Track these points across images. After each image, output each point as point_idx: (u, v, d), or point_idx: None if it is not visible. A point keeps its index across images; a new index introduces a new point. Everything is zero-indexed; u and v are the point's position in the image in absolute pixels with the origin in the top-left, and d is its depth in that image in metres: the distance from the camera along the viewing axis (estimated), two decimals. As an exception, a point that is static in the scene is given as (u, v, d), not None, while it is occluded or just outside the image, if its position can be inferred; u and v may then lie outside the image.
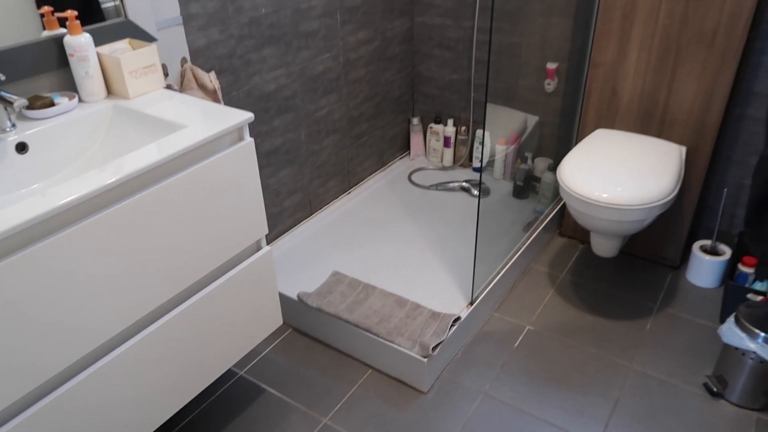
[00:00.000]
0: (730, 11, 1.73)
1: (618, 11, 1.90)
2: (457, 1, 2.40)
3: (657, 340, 1.86)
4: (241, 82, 1.84)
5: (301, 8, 1.96)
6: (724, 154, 2.04)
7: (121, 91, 1.39)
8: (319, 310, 1.83)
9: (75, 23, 1.30)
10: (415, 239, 2.23)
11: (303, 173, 2.21)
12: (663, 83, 1.93)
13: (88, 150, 1.31)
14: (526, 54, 2.22)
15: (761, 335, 1.52)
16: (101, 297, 1.08)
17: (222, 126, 1.24)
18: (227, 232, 1.32)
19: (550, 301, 2.03)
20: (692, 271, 2.08)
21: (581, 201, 1.72)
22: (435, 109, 2.70)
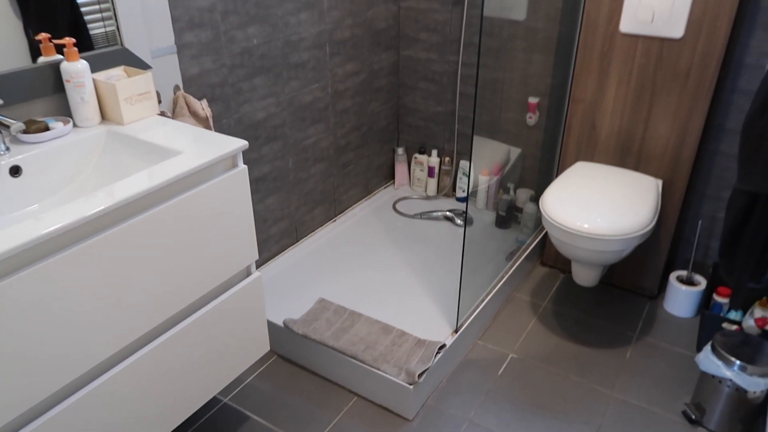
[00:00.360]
0: (702, 52, 1.83)
1: (597, 50, 1.99)
2: (442, 37, 2.48)
3: (637, 368, 1.90)
4: (231, 110, 1.87)
5: (291, 40, 2.01)
6: (699, 188, 2.12)
7: (115, 117, 1.41)
8: (305, 337, 1.84)
9: (72, 50, 1.32)
10: (400, 267, 2.25)
11: (290, 200, 2.24)
12: (640, 119, 2.01)
13: (81, 174, 1.32)
14: (508, 88, 2.29)
15: (737, 363, 1.56)
16: (90, 323, 1.08)
17: (217, 153, 1.26)
18: (219, 257, 1.33)
19: (532, 329, 2.07)
20: (669, 300, 2.14)
21: (563, 231, 1.77)
22: (419, 140, 2.75)
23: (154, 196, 1.15)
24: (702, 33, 1.81)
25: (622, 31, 1.92)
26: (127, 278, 1.13)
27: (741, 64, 1.91)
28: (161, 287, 1.20)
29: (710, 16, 1.78)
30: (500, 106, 2.31)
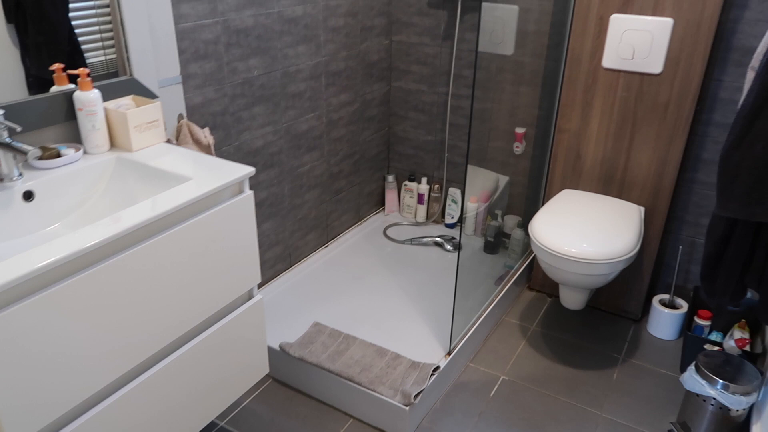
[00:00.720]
0: (679, 87, 1.94)
1: (581, 83, 2.10)
2: (432, 69, 2.58)
3: (624, 389, 1.96)
4: (231, 138, 1.93)
5: (289, 71, 2.08)
6: (678, 214, 2.22)
7: (124, 144, 1.45)
8: (301, 360, 1.87)
9: (86, 80, 1.37)
10: (393, 291, 2.30)
11: (284, 226, 2.28)
12: (622, 149, 2.11)
13: (90, 199, 1.36)
14: (496, 119, 2.39)
15: (720, 382, 1.63)
16: (98, 346, 1.11)
17: (225, 179, 1.31)
18: (224, 280, 1.37)
19: (522, 351, 2.12)
20: (653, 323, 2.21)
21: (552, 255, 1.84)
22: (409, 168, 2.83)
23: (165, 221, 1.20)
24: (679, 69, 1.92)
25: (605, 67, 2.03)
26: (138, 301, 1.16)
27: (716, 99, 2.03)
28: (169, 309, 1.24)
29: (686, 54, 1.90)
30: (489, 136, 2.40)
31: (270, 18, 1.94)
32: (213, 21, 1.75)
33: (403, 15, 2.55)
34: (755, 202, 1.40)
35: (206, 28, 1.74)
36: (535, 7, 2.21)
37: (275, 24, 1.96)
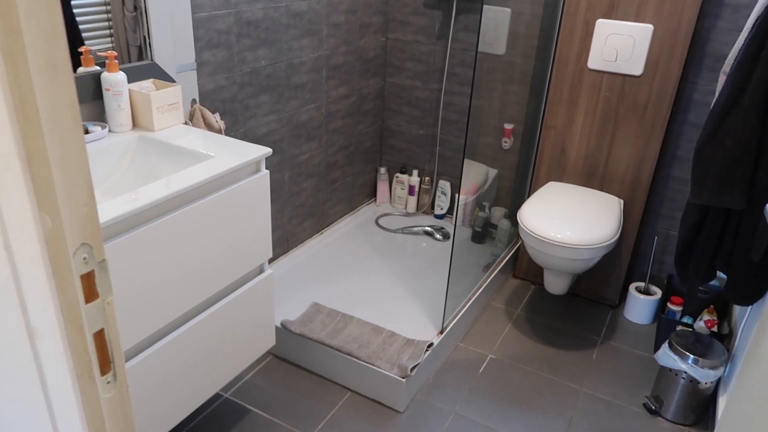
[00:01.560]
0: (657, 89, 2.10)
1: (567, 83, 2.24)
2: (426, 66, 2.70)
3: (602, 367, 2.10)
4: (239, 124, 2.02)
5: (294, 63, 2.18)
6: (654, 207, 2.38)
7: (146, 124, 1.54)
8: (302, 336, 1.97)
9: (114, 62, 1.46)
10: (386, 276, 2.42)
11: (283, 212, 2.38)
12: (604, 145, 2.26)
13: (116, 173, 1.45)
14: (486, 115, 2.52)
15: (691, 357, 1.78)
16: (137, 299, 1.21)
17: (246, 158, 1.41)
18: (241, 252, 1.47)
19: (508, 333, 2.25)
20: (629, 309, 2.37)
21: (539, 240, 1.98)
22: (401, 161, 2.95)
23: (192, 194, 1.29)
24: (658, 72, 2.08)
25: (590, 68, 2.18)
26: (171, 263, 1.26)
27: (690, 100, 2.19)
28: (194, 274, 1.34)
29: (665, 59, 2.05)
30: (478, 131, 2.53)
31: (278, 11, 2.04)
32: (226, 12, 1.84)
33: (399, 14, 2.67)
34: (725, 191, 1.56)
35: (220, 18, 1.83)
36: (527, 10, 2.35)
37: (282, 17, 2.06)
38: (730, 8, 2.03)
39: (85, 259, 0.50)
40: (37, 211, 0.45)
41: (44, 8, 0.42)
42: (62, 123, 0.44)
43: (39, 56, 0.41)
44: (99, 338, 0.54)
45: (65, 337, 0.52)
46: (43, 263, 0.47)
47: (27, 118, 0.42)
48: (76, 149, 0.46)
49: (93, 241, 0.50)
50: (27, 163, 0.44)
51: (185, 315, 1.37)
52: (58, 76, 0.42)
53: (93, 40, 1.50)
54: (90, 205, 0.50)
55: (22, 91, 0.41)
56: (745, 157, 1.51)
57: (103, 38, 1.52)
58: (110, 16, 1.53)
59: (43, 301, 0.49)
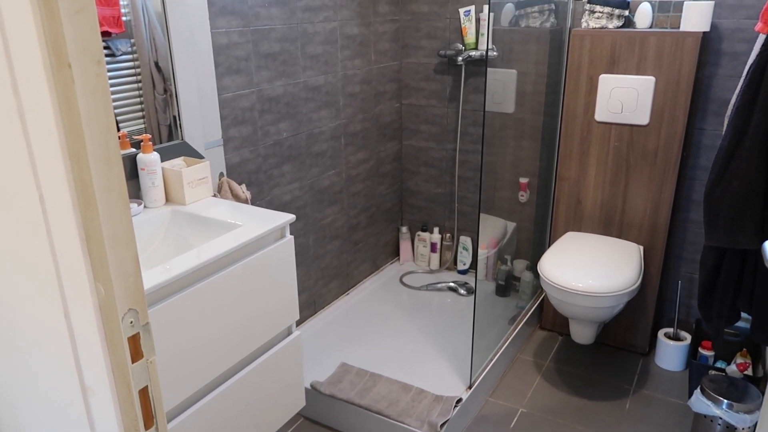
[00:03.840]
0: (666, 136, 2.16)
1: (577, 136, 2.32)
2: (440, 128, 2.82)
3: (636, 417, 2.07)
4: (264, 193, 2.13)
5: (313, 133, 2.31)
6: (676, 252, 2.39)
7: (178, 198, 1.65)
8: (332, 397, 1.99)
9: (148, 144, 1.59)
10: (412, 333, 2.44)
11: (309, 274, 2.46)
12: (618, 193, 2.30)
13: (152, 245, 1.55)
14: (502, 171, 2.60)
15: (725, 402, 1.76)
16: (172, 364, 1.27)
17: (271, 225, 1.50)
18: (269, 315, 1.54)
19: (538, 386, 2.24)
20: (659, 355, 2.34)
21: (561, 290, 2.00)
22: (422, 219, 3.03)
23: (222, 261, 1.38)
24: (664, 120, 2.15)
25: (597, 120, 2.26)
26: (203, 329, 1.32)
27: (700, 145, 2.24)
28: (225, 339, 1.40)
29: (669, 107, 2.12)
30: (495, 186, 2.60)
31: (297, 87, 2.18)
32: (249, 91, 1.99)
33: (411, 81, 2.82)
34: (737, 231, 1.58)
35: (244, 97, 1.97)
36: (532, 70, 2.46)
37: (301, 92, 2.21)
38: (728, 56, 2.10)
39: (131, 323, 0.57)
40: (93, 281, 0.53)
41: (102, 112, 0.51)
42: (114, 207, 0.52)
43: (97, 153, 0.50)
44: (143, 395, 0.61)
45: (115, 394, 0.58)
46: (97, 327, 0.55)
47: (86, 204, 0.50)
48: (124, 228, 0.54)
49: (139, 306, 0.57)
50: (86, 241, 0.52)
51: (217, 379, 1.43)
52: (111, 169, 0.51)
53: (127, 121, 1.64)
54: (136, 275, 0.57)
55: (83, 182, 0.49)
56: (753, 198, 1.55)
57: (136, 119, 1.66)
58: (142, 99, 1.67)
59: (97, 361, 0.56)
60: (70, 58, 0.48)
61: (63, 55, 0.48)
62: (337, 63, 2.37)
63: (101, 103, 0.52)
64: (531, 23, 2.35)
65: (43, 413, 0.66)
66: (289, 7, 2.08)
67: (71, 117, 0.49)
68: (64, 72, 0.49)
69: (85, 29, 0.48)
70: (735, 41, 2.09)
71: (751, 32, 2.04)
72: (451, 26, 2.64)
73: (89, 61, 0.50)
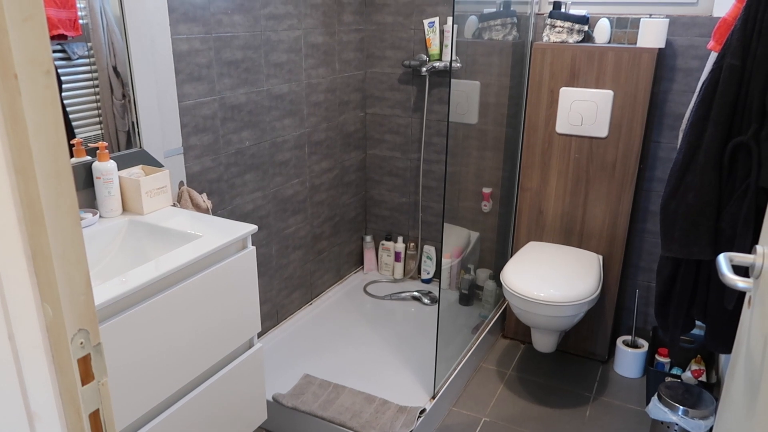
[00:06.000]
0: (623, 149, 2.21)
1: (538, 147, 2.36)
2: (404, 138, 2.83)
3: (596, 424, 2.10)
4: (225, 202, 2.09)
5: (277, 141, 2.29)
6: (633, 261, 2.45)
7: (135, 208, 1.60)
8: (294, 409, 1.96)
9: (104, 152, 1.54)
10: (376, 343, 2.43)
11: (272, 285, 2.42)
12: (579, 204, 2.35)
13: (106, 257, 1.50)
14: (465, 181, 2.62)
15: (681, 408, 1.80)
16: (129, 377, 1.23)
17: (232, 236, 1.47)
18: (229, 328, 1.50)
19: (501, 394, 2.26)
20: (618, 363, 2.39)
21: (522, 300, 2.03)
22: (386, 228, 3.02)
23: (182, 273, 1.34)
24: (622, 133, 2.20)
25: (558, 132, 2.30)
26: (161, 342, 1.29)
27: (656, 158, 2.31)
28: (184, 352, 1.36)
29: (627, 120, 2.18)
30: (459, 196, 2.62)
31: (260, 95, 2.16)
32: (211, 99, 1.95)
33: (376, 90, 2.82)
34: (692, 242, 1.63)
35: (205, 105, 1.94)
36: (494, 81, 2.50)
37: (264, 100, 2.18)
38: (682, 72, 2.18)
39: (82, 344, 0.55)
40: (39, 302, 0.50)
41: (51, 125, 0.49)
42: (64, 224, 0.50)
43: (45, 167, 0.48)
44: (94, 418, 0.58)
45: (63, 419, 0.55)
46: (44, 349, 0.52)
47: (33, 221, 0.48)
48: (75, 246, 0.52)
49: (90, 326, 0.55)
50: (32, 259, 0.49)
51: (176, 393, 1.38)
52: (60, 184, 0.49)
53: (83, 128, 1.58)
54: (87, 294, 0.55)
55: (30, 198, 0.47)
56: (706, 210, 1.59)
57: (92, 125, 1.61)
58: (99, 105, 1.62)
59: (44, 385, 0.54)
60: (16, 68, 0.46)
61: (9, 65, 0.46)
62: (301, 72, 2.35)
63: (50, 115, 0.49)
64: (494, 36, 2.38)
65: (-15, 440, 0.63)
66: (253, 15, 2.05)
67: (18, 130, 0.47)
68: (10, 83, 0.46)
69: (32, 38, 0.46)
70: (689, 58, 2.16)
71: (703, 49, 2.12)
72: (415, 37, 2.65)
73: (37, 71, 0.48)
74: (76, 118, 1.57)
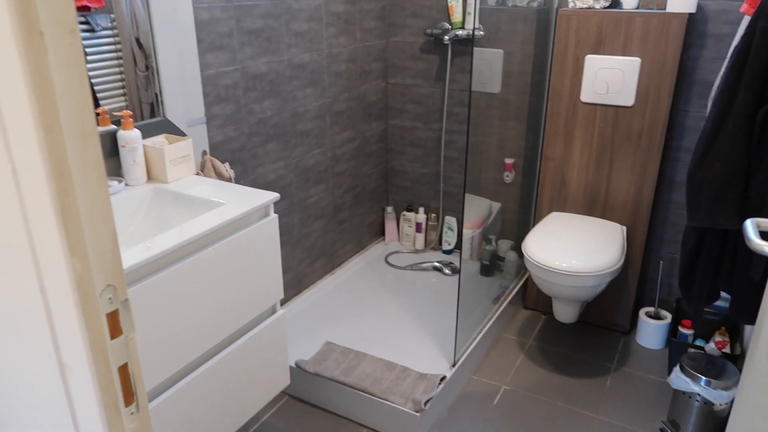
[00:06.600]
0: (650, 117, 2.16)
1: (562, 117, 2.32)
2: (426, 108, 2.80)
3: (616, 394, 2.10)
4: (248, 172, 2.11)
5: (298, 111, 2.29)
6: (658, 233, 2.42)
7: (160, 176, 1.63)
8: (316, 375, 2.00)
9: (129, 121, 1.56)
10: (397, 312, 2.46)
11: (294, 254, 2.45)
12: (603, 174, 2.32)
13: (133, 224, 1.53)
14: (487, 151, 2.60)
15: (703, 379, 1.79)
16: (158, 340, 1.26)
17: (255, 203, 1.49)
18: (252, 294, 1.53)
19: (521, 364, 2.27)
20: (640, 334, 2.38)
21: (545, 270, 2.02)
22: (407, 199, 3.02)
23: (206, 239, 1.36)
24: (649, 102, 2.15)
25: (583, 101, 2.26)
26: (181, 310, 1.32)
27: (683, 127, 2.25)
28: (208, 317, 1.39)
29: (654, 88, 2.13)
30: (480, 167, 2.60)
31: (281, 65, 2.15)
32: (233, 68, 1.96)
33: (397, 60, 2.79)
34: (719, 212, 1.60)
35: (227, 74, 1.94)
36: (518, 50, 2.45)
37: (286, 70, 2.18)
38: (713, 38, 2.11)
39: (110, 299, 0.57)
40: (69, 257, 0.52)
41: (76, 83, 0.50)
42: (90, 182, 0.51)
43: (71, 126, 0.49)
44: (123, 372, 0.60)
45: (93, 371, 0.57)
46: (74, 303, 0.54)
47: (61, 178, 0.49)
48: (101, 203, 0.53)
49: (117, 282, 0.57)
50: (61, 216, 0.50)
51: (201, 357, 1.42)
52: (87, 142, 0.50)
53: (107, 99, 1.60)
54: (114, 251, 0.56)
55: (57, 156, 0.48)
56: (735, 179, 1.56)
57: (116, 97, 1.63)
58: (123, 77, 1.64)
59: (74, 338, 0.56)
60: (41, 26, 0.47)
61: (34, 23, 0.47)
62: (322, 41, 2.33)
63: (75, 73, 0.50)
64: (518, 3, 2.33)
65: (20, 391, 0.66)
66: (273, -18, 2.04)
67: (44, 87, 0.48)
68: (36, 40, 0.47)
69: (56, -4, 0.47)
70: (720, 23, 2.09)
71: (736, 14, 2.04)
72: (437, 5, 2.61)
73: (62, 30, 0.48)
74: (100, 89, 1.58)
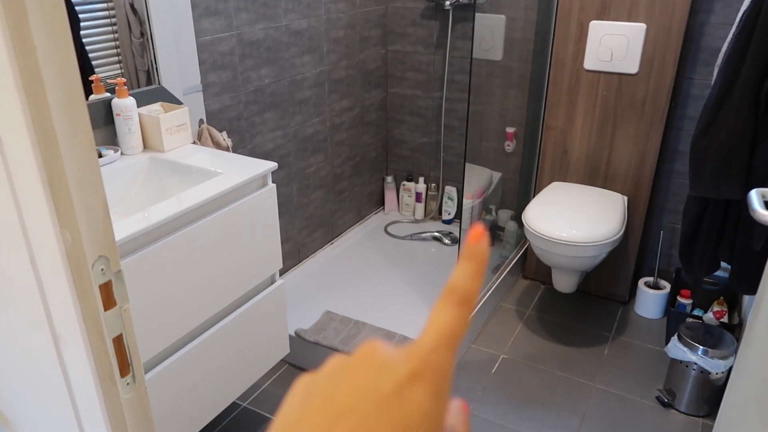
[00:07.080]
0: (654, 85, 2.13)
1: (565, 84, 2.28)
2: (426, 76, 2.76)
3: (614, 363, 2.12)
4: (246, 141, 2.08)
5: (296, 79, 2.25)
6: (659, 203, 2.40)
7: (156, 145, 1.61)
8: (316, 344, 2.01)
9: (123, 88, 1.53)
10: (397, 282, 2.46)
11: (293, 224, 2.44)
12: (605, 143, 2.29)
13: (130, 194, 1.51)
14: (488, 120, 2.57)
15: (700, 348, 1.80)
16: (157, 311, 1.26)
17: (253, 173, 1.47)
18: (251, 264, 1.53)
19: (519, 333, 2.28)
20: (639, 304, 2.39)
21: (544, 240, 2.01)
22: (407, 169, 3.00)
23: (203, 209, 1.35)
24: (653, 69, 2.11)
25: (586, 68, 2.22)
26: (179, 279, 1.31)
27: (688, 95, 2.22)
28: (207, 287, 1.39)
29: (659, 55, 2.09)
30: (481, 136, 2.57)
31: (278, 31, 2.10)
32: (229, 34, 1.91)
33: (397, 26, 2.73)
34: (722, 182, 1.58)
35: (223, 40, 1.90)
36: (521, 16, 2.40)
37: (283, 36, 2.13)
38: (720, 3, 2.06)
39: (102, 270, 0.56)
40: (58, 228, 0.51)
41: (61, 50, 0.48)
42: (79, 150, 0.50)
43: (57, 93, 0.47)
44: (118, 343, 0.60)
45: (87, 342, 0.57)
46: (66, 275, 0.53)
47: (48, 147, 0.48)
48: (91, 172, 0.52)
49: (109, 253, 0.55)
50: (49, 186, 0.49)
51: (201, 326, 1.43)
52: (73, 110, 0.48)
53: (102, 67, 1.57)
54: (105, 222, 0.55)
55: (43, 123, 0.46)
56: (740, 148, 1.54)
57: (112, 65, 1.60)
58: (118, 44, 1.60)
59: (67, 310, 0.55)
60: (21, -14, 0.45)
61: (14, -17, 0.44)
62: (320, 6, 2.28)
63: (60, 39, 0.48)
64: (521, -34, 2.27)
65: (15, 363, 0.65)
66: (270, -55, 1.98)
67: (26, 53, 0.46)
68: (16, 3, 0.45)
69: (36, -46, 0.44)
70: (729, -13, 2.04)
71: (745, -22, 1.99)
72: (439, -32, 2.54)
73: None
74: (95, 57, 1.55)
